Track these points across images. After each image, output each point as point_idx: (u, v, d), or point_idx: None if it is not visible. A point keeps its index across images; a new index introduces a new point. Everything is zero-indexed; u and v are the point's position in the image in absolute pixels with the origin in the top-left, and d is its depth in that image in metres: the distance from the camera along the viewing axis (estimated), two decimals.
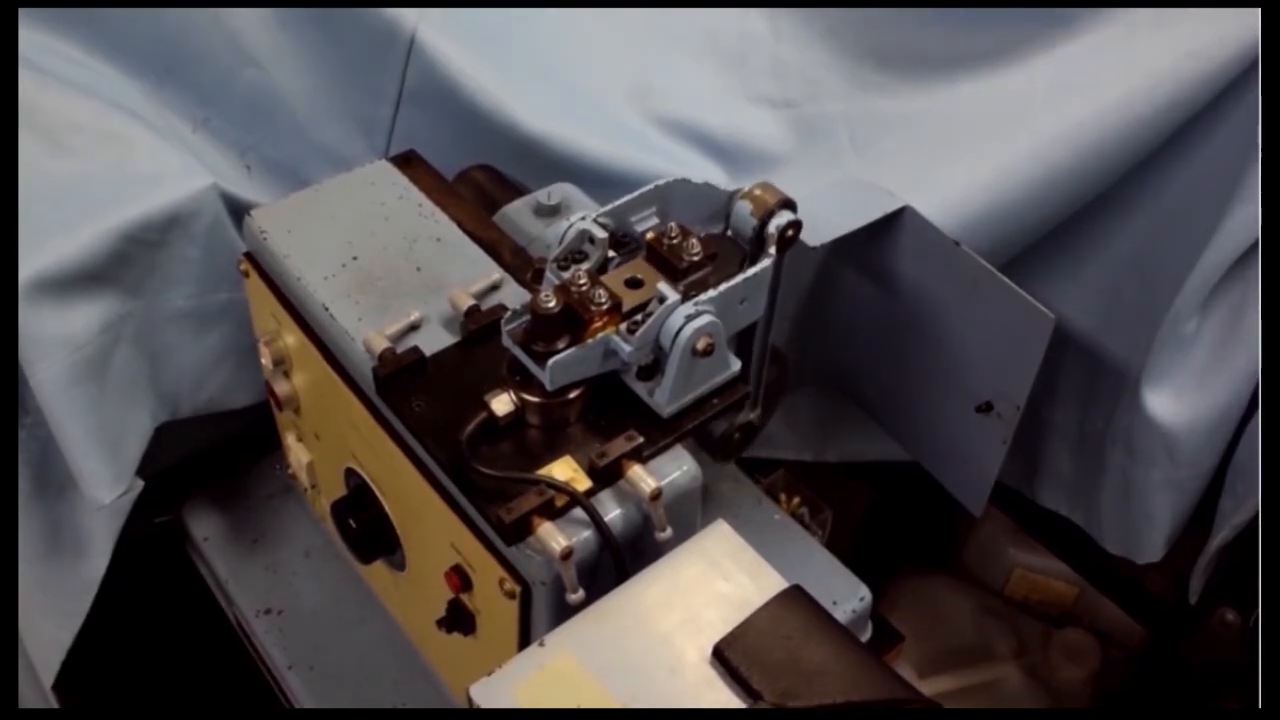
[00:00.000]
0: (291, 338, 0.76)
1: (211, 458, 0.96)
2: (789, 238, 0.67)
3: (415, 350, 0.68)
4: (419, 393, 0.66)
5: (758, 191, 0.67)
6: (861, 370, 0.94)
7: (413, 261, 0.74)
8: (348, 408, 0.72)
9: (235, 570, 0.92)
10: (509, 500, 0.60)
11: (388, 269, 0.74)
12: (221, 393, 0.90)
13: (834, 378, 0.97)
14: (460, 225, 0.77)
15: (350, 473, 0.77)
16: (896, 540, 1.23)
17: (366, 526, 0.74)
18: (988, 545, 1.30)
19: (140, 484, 0.84)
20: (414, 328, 0.70)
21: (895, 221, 0.80)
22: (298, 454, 0.84)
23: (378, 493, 0.74)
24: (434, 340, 0.70)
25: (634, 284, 0.65)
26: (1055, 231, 0.92)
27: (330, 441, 0.79)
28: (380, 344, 0.68)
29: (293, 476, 0.88)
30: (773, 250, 0.67)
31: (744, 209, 0.67)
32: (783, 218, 0.67)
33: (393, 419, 0.68)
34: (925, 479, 0.91)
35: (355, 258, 0.74)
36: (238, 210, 0.86)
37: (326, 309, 0.71)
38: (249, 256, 0.77)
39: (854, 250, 0.83)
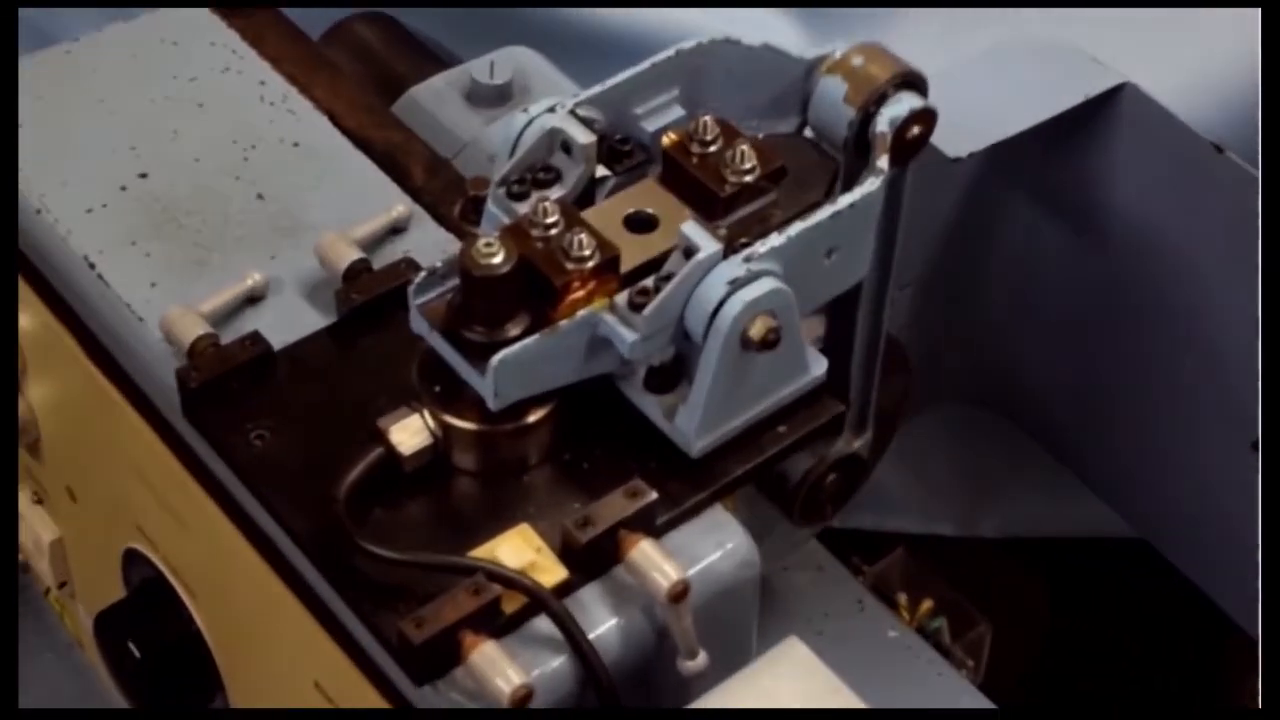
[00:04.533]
0: (26, 317, 0.76)
1: None
2: (914, 140, 0.68)
3: (255, 339, 0.69)
4: (261, 414, 0.67)
5: (858, 60, 0.68)
6: (1042, 378, 0.95)
7: (249, 183, 0.76)
8: (130, 442, 0.73)
9: None
10: (419, 603, 0.59)
11: (204, 196, 0.75)
12: None
13: (991, 389, 1.00)
14: (333, 119, 0.79)
15: (132, 557, 0.77)
16: (1098, 672, 1.22)
17: (160, 654, 0.75)
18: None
19: None
20: (252, 300, 0.71)
21: (1105, 110, 0.85)
22: (35, 527, 0.87)
23: (182, 593, 0.75)
24: (288, 322, 0.70)
25: (640, 224, 0.66)
26: None
27: (96, 503, 0.81)
28: (192, 328, 0.68)
29: (25, 569, 0.90)
30: (884, 163, 0.66)
31: (834, 91, 0.68)
32: (902, 105, 0.67)
33: (212, 461, 0.68)
34: (1157, 567, 0.94)
35: (144, 175, 0.76)
36: None
37: (92, 265, 0.72)
38: None
39: (1030, 165, 0.87)
